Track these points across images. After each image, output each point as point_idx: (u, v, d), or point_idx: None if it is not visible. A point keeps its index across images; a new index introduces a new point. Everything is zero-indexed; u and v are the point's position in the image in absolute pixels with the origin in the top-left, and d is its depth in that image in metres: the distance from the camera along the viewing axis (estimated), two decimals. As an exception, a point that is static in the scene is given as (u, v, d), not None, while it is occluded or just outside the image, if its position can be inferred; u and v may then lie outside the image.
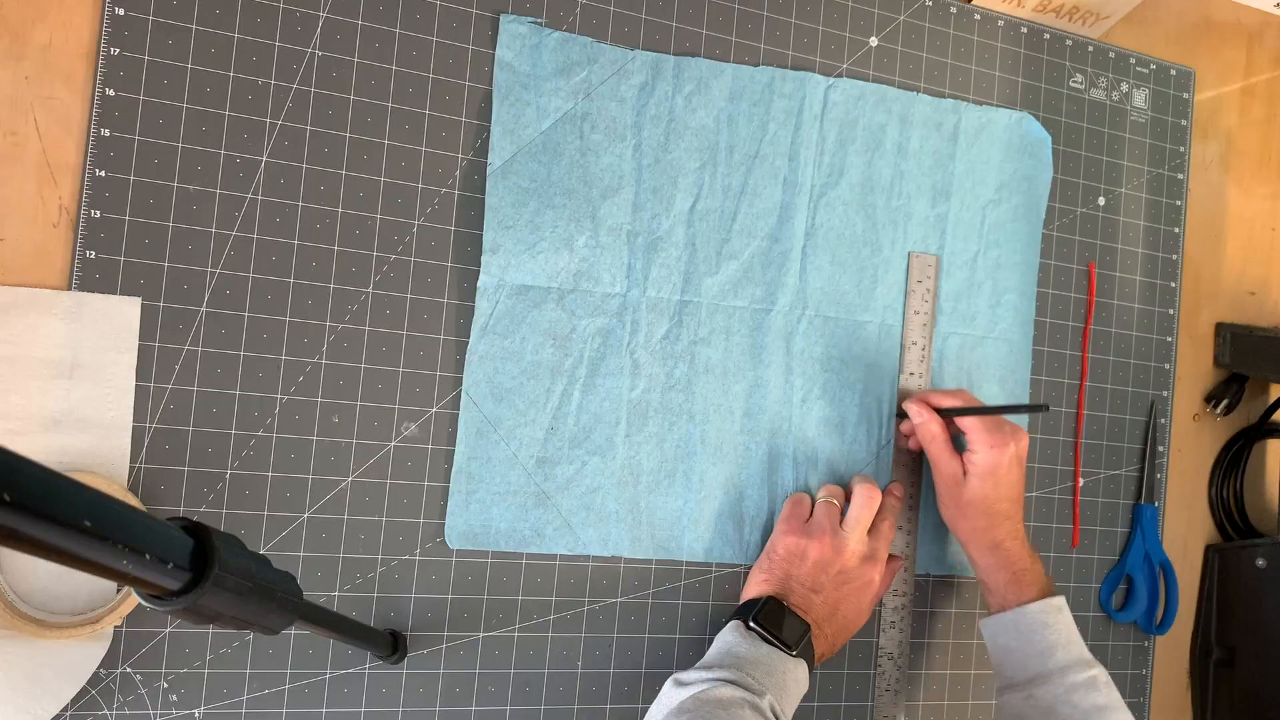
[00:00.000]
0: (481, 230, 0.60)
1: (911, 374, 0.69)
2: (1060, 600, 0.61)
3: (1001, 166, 0.72)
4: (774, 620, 0.57)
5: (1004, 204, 0.72)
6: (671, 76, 0.64)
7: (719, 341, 0.65)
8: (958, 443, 0.65)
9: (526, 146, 0.61)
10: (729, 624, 0.58)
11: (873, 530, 0.63)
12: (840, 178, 0.68)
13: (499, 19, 0.61)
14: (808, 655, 0.57)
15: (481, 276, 0.60)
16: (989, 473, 0.62)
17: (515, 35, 0.61)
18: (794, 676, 0.55)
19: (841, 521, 0.62)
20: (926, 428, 0.64)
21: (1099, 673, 0.59)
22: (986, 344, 0.71)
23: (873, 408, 0.68)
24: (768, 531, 0.65)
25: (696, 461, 0.64)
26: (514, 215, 0.60)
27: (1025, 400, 0.73)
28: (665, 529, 0.63)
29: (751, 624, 0.57)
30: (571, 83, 0.62)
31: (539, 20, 0.62)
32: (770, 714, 0.51)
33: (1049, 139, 0.74)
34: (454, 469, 0.59)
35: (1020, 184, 0.73)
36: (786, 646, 0.56)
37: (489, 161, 0.60)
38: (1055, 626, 0.60)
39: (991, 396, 0.71)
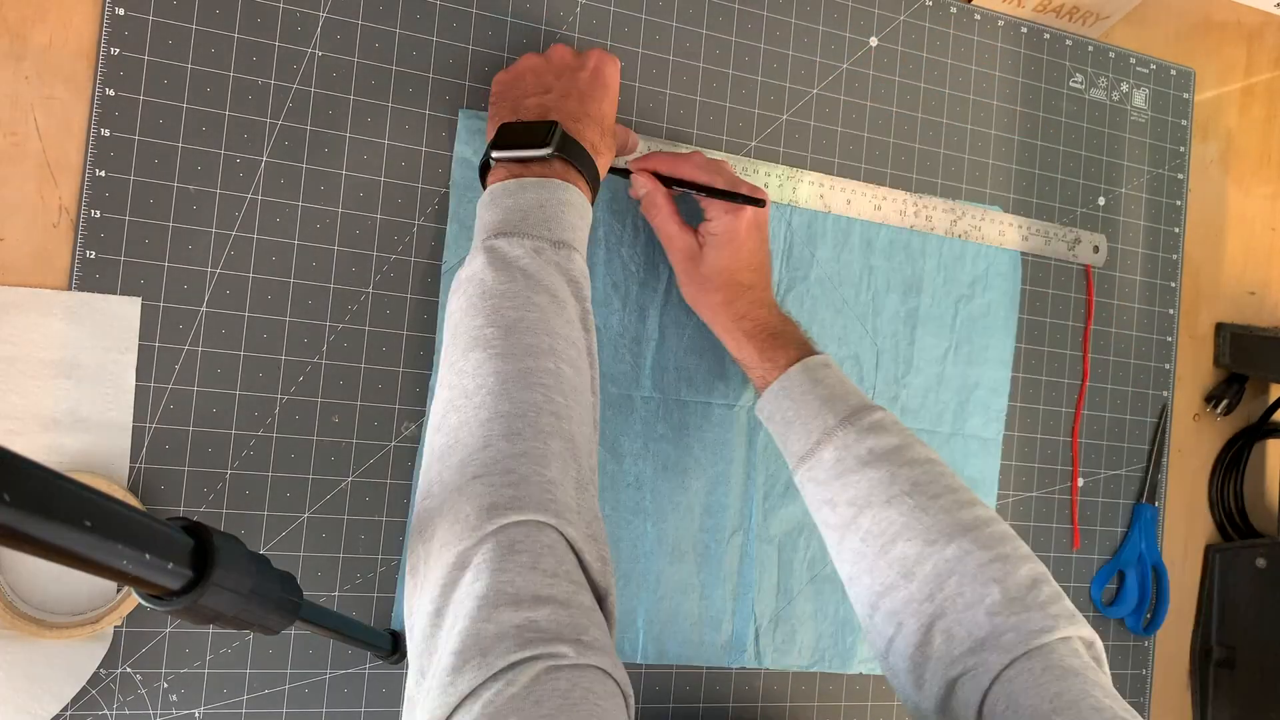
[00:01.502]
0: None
1: None
2: (825, 356, 0.56)
3: (975, 262, 0.71)
4: (511, 137, 0.50)
5: (976, 299, 0.71)
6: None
7: (680, 438, 0.63)
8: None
9: None
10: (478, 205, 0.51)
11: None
12: (809, 272, 0.67)
13: (457, 115, 0.60)
14: (576, 153, 0.50)
15: (433, 376, 0.58)
16: (728, 241, 0.56)
17: (474, 131, 0.60)
18: (566, 202, 0.48)
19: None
20: (652, 200, 0.57)
21: (883, 415, 0.52)
22: (955, 441, 0.70)
23: None
24: (728, 633, 0.64)
25: (653, 561, 0.62)
26: None
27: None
28: (620, 631, 0.61)
29: (492, 159, 0.50)
30: None
31: None
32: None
33: (1018, 255, 0.73)
34: (400, 572, 0.58)
35: (993, 280, 0.72)
36: (537, 148, 0.48)
37: (444, 260, 0.59)
38: (825, 381, 0.54)
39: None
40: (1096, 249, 0.76)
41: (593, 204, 0.52)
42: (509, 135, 0.50)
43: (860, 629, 0.67)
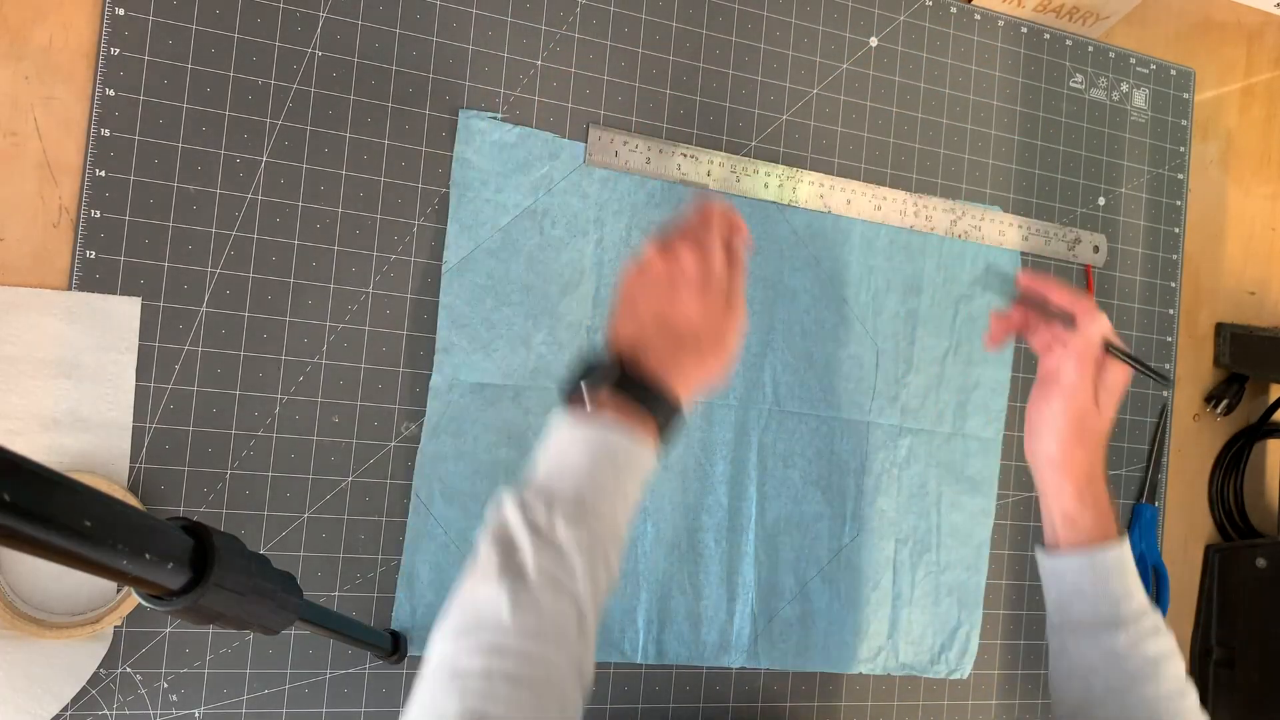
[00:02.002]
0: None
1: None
2: (1128, 545, 0.56)
3: (975, 260, 0.72)
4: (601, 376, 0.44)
5: (976, 299, 0.71)
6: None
7: (677, 437, 0.63)
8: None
9: (484, 244, 0.60)
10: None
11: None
12: (809, 272, 0.67)
13: (457, 115, 0.60)
14: (656, 404, 0.44)
15: (434, 376, 0.59)
16: (1120, 397, 0.57)
17: (475, 131, 0.60)
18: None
19: None
20: (1089, 343, 0.55)
21: (1159, 619, 0.55)
22: (955, 441, 0.71)
23: (836, 504, 0.67)
24: (726, 632, 0.64)
25: (652, 561, 0.63)
26: (469, 313, 0.59)
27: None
28: (618, 629, 0.62)
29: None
30: (532, 178, 0.61)
31: (496, 115, 0.61)
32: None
33: (1018, 253, 0.73)
34: (400, 573, 0.58)
35: (993, 280, 0.72)
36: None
37: (444, 260, 0.59)
38: (1130, 571, 0.55)
39: (958, 497, 0.71)
40: (1096, 249, 0.76)
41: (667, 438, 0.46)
42: (601, 374, 0.44)
43: (860, 629, 0.67)
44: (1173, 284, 0.79)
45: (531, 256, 0.61)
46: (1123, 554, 0.55)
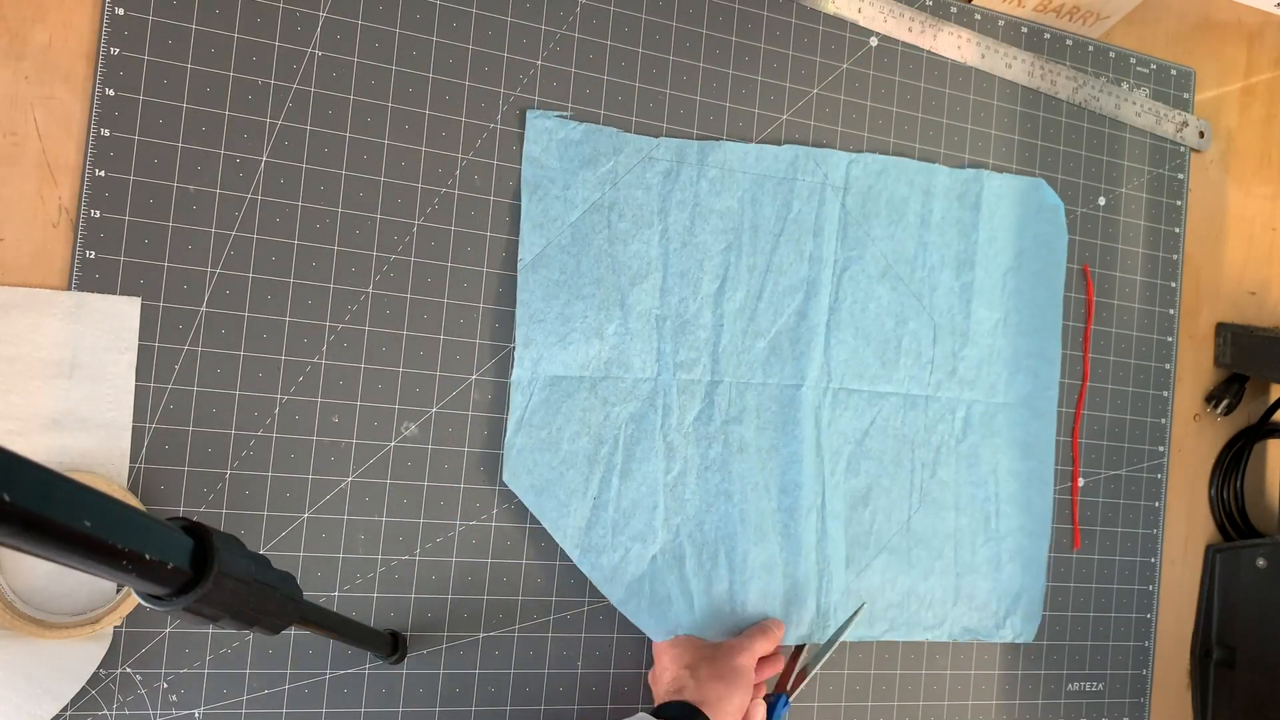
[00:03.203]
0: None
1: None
2: None
3: (1020, 233, 0.73)
4: None
5: (1024, 270, 0.72)
6: (696, 161, 0.64)
7: (751, 420, 0.65)
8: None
9: (555, 240, 0.61)
10: None
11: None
12: (864, 251, 0.68)
13: (525, 114, 0.61)
14: None
15: (515, 370, 0.60)
16: None
17: (542, 130, 0.61)
18: None
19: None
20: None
21: None
22: (1009, 410, 0.72)
23: (900, 478, 0.69)
24: (813, 609, 0.65)
25: (738, 542, 0.64)
26: (545, 308, 0.61)
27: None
28: (715, 613, 0.63)
29: None
30: (598, 173, 0.62)
31: (564, 114, 0.62)
32: None
33: (1062, 206, 0.74)
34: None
35: (1039, 250, 0.73)
36: None
37: (520, 257, 0.61)
38: None
39: (1014, 464, 0.72)
40: (1202, 134, 0.80)
41: None
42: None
43: (926, 599, 0.69)
44: (1173, 284, 0.79)
45: (600, 250, 0.62)
46: None
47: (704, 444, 0.64)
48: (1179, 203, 0.80)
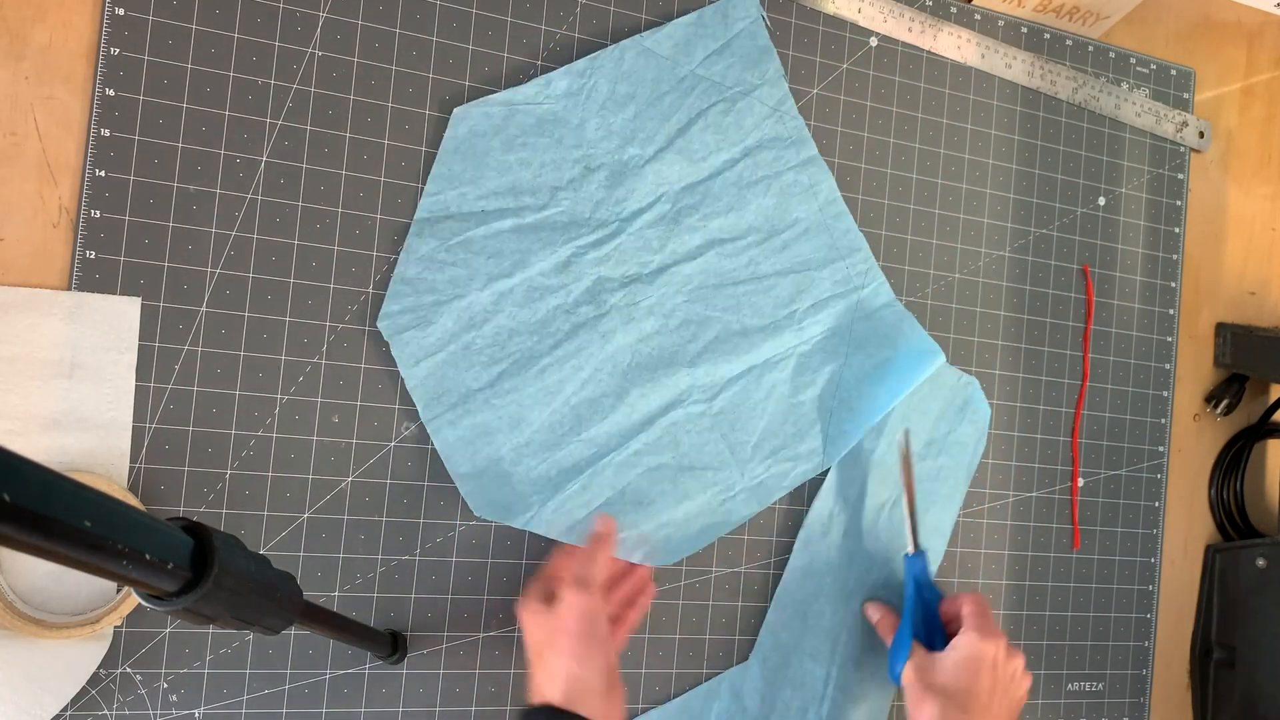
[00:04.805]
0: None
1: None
2: None
3: (936, 424, 0.70)
4: None
5: (928, 461, 0.69)
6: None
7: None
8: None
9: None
10: None
11: None
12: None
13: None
14: None
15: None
16: (971, 661, 0.58)
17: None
18: None
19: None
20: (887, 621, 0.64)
21: None
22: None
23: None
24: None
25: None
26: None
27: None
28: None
29: None
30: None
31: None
32: None
33: (989, 414, 0.71)
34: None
35: (950, 449, 0.70)
36: None
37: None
38: None
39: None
40: (1201, 134, 0.79)
41: None
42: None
43: None
44: (1173, 284, 0.79)
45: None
46: None
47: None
48: (1179, 203, 0.80)
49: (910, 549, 0.65)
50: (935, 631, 0.62)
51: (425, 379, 0.58)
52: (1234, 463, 0.80)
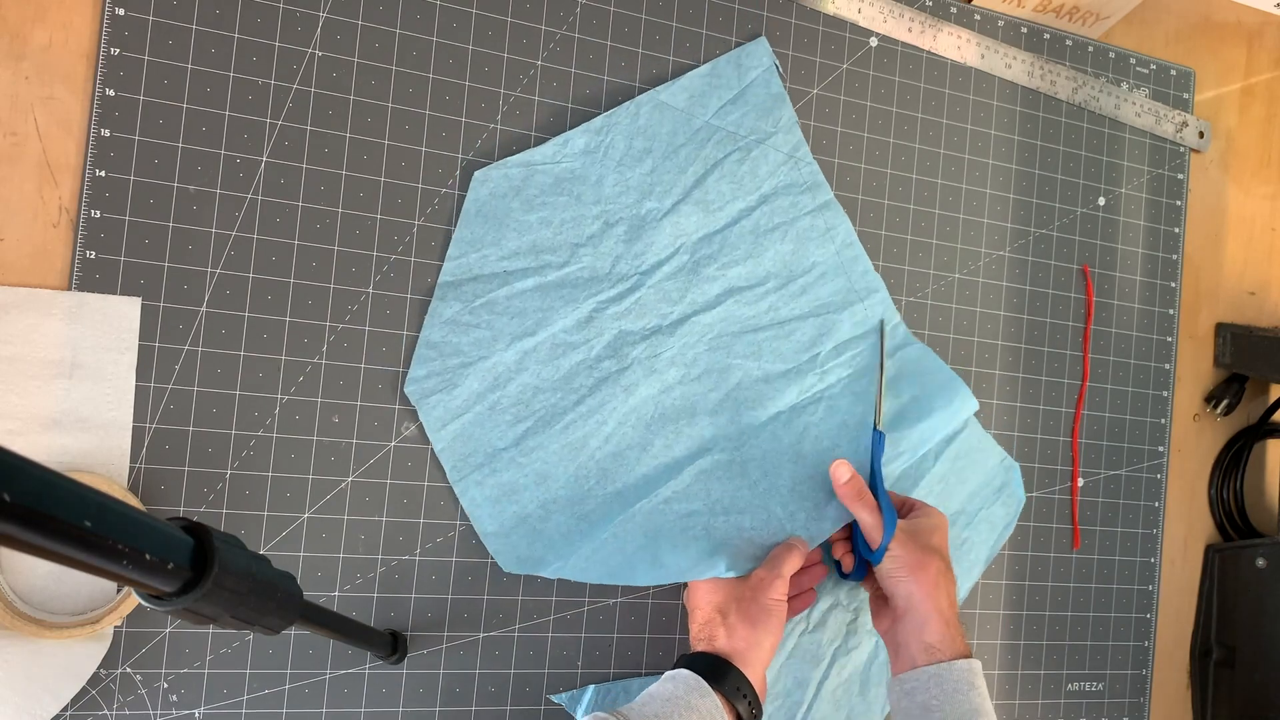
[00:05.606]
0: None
1: None
2: (980, 664, 0.58)
3: (970, 497, 0.70)
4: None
5: (953, 530, 0.68)
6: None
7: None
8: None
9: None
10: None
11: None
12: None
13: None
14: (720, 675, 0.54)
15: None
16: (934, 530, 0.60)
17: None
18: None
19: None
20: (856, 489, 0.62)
21: None
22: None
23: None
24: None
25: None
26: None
27: None
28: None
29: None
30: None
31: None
32: None
33: (1023, 500, 0.71)
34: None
35: (979, 524, 0.70)
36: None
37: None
38: (979, 689, 0.56)
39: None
40: (1201, 134, 0.79)
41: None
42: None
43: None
44: (1173, 284, 0.79)
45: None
46: (972, 669, 0.56)
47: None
48: (1179, 203, 0.80)
49: (878, 425, 0.64)
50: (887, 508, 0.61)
51: (453, 441, 0.59)
52: (1234, 463, 0.80)
